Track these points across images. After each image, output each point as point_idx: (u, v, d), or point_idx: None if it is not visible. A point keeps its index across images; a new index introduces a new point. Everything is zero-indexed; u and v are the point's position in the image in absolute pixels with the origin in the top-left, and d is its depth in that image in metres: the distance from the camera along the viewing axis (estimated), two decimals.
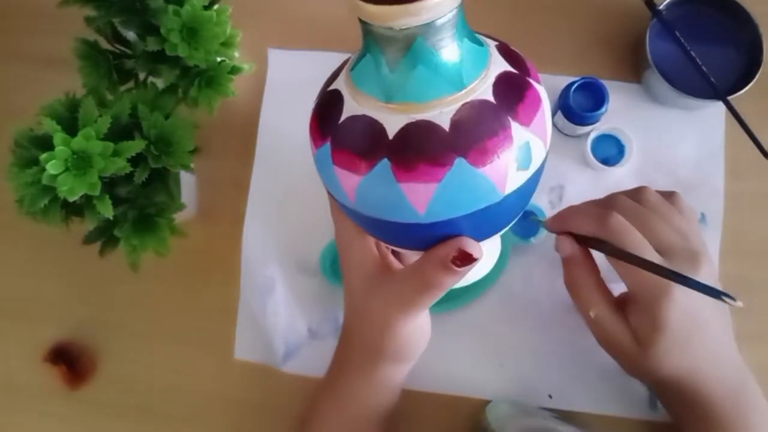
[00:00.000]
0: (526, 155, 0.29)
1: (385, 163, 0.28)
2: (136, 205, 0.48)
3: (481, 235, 0.33)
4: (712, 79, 0.53)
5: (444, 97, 0.28)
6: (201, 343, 0.56)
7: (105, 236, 0.49)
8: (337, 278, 0.56)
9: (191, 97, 0.51)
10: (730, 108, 0.53)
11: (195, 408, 0.56)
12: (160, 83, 0.52)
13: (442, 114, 0.27)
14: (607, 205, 0.42)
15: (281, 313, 0.56)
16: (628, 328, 0.41)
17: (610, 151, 0.55)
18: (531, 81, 0.30)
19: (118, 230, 0.47)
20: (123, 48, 0.54)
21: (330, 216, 0.57)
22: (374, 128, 0.28)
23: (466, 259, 0.31)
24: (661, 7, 0.54)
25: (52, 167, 0.42)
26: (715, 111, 0.56)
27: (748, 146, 0.53)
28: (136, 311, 0.57)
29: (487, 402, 0.53)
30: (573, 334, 0.53)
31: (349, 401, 0.43)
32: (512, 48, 0.33)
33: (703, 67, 0.54)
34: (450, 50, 0.28)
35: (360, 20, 0.29)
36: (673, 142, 0.56)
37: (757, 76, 0.52)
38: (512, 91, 0.29)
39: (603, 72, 0.57)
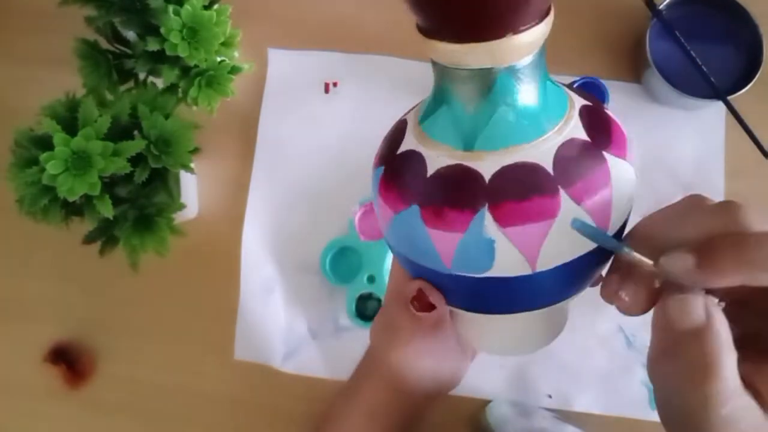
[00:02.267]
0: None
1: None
2: (136, 205, 0.48)
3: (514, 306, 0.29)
4: (712, 79, 0.53)
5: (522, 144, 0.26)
6: (201, 343, 0.56)
7: (105, 236, 0.49)
8: (337, 278, 0.56)
9: (191, 97, 0.51)
10: (730, 108, 0.53)
11: (195, 408, 0.56)
12: (160, 83, 0.52)
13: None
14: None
15: (281, 313, 0.56)
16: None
17: None
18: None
19: (118, 230, 0.47)
20: (123, 48, 0.54)
21: (330, 216, 0.58)
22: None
23: (424, 305, 0.30)
24: (661, 7, 0.54)
25: (52, 167, 0.42)
26: (715, 111, 0.56)
27: (748, 146, 0.53)
28: (136, 311, 0.57)
29: (487, 402, 0.53)
30: (573, 334, 0.53)
31: (363, 411, 0.42)
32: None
33: (703, 67, 0.54)
34: (531, 93, 0.26)
35: (436, 63, 0.26)
36: (673, 142, 0.56)
37: (757, 76, 0.52)
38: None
39: (603, 72, 0.57)
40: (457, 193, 0.25)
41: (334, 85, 0.60)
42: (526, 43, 0.24)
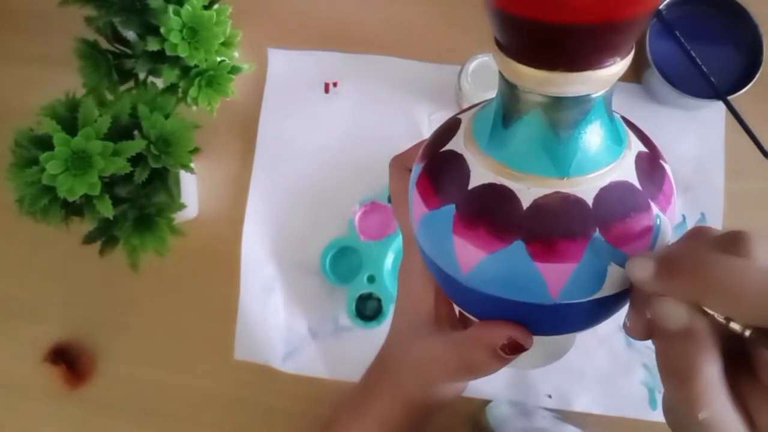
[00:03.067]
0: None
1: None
2: (136, 205, 0.48)
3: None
4: (712, 79, 0.53)
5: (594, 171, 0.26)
6: (201, 343, 0.56)
7: (105, 236, 0.49)
8: (337, 278, 0.56)
9: (191, 97, 0.51)
10: (730, 108, 0.53)
11: (195, 408, 0.56)
12: (160, 83, 0.52)
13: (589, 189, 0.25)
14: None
15: (281, 312, 0.56)
16: None
17: None
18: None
19: (118, 230, 0.47)
20: (123, 48, 0.54)
21: (330, 216, 0.58)
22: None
23: (516, 349, 0.30)
24: (661, 7, 0.54)
25: (52, 167, 0.42)
26: (715, 111, 0.56)
27: (748, 146, 0.53)
28: (136, 311, 0.57)
29: (487, 402, 0.53)
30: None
31: (375, 426, 0.42)
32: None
33: (703, 67, 0.54)
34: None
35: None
36: (673, 142, 0.56)
37: (757, 76, 0.52)
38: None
39: None
40: (567, 223, 0.25)
41: (334, 85, 0.60)
42: (624, 68, 0.24)
